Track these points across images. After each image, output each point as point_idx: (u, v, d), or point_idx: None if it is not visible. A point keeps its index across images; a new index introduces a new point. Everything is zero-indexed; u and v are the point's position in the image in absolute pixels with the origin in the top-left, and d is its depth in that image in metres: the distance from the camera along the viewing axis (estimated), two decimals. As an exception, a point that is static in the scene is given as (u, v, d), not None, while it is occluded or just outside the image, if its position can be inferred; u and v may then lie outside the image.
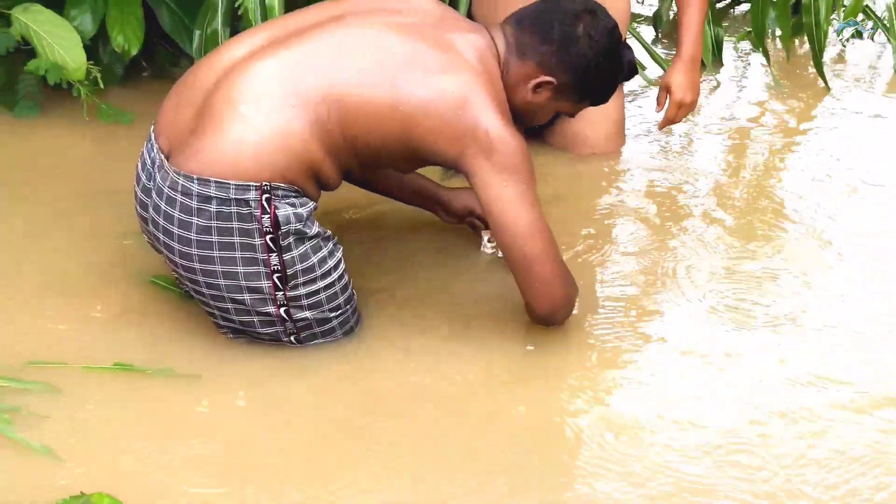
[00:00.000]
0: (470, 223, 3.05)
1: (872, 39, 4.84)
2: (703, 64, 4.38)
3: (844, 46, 4.78)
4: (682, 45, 3.35)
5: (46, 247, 3.01)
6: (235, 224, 2.38)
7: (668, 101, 3.36)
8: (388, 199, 3.13)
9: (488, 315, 2.78)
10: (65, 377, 2.49)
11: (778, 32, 4.74)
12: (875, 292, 2.95)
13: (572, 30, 2.53)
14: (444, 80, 2.42)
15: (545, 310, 2.56)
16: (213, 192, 2.35)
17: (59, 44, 3.47)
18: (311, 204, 2.46)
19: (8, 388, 2.43)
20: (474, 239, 3.08)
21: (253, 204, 2.37)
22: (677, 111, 3.35)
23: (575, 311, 2.70)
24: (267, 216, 2.37)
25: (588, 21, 2.55)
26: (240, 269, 2.43)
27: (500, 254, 2.92)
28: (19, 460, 2.27)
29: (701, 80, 3.78)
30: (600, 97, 2.67)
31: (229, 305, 2.50)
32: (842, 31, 4.80)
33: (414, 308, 2.80)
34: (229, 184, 2.35)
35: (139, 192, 2.51)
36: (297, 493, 2.23)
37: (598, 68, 2.57)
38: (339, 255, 2.54)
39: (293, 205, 2.41)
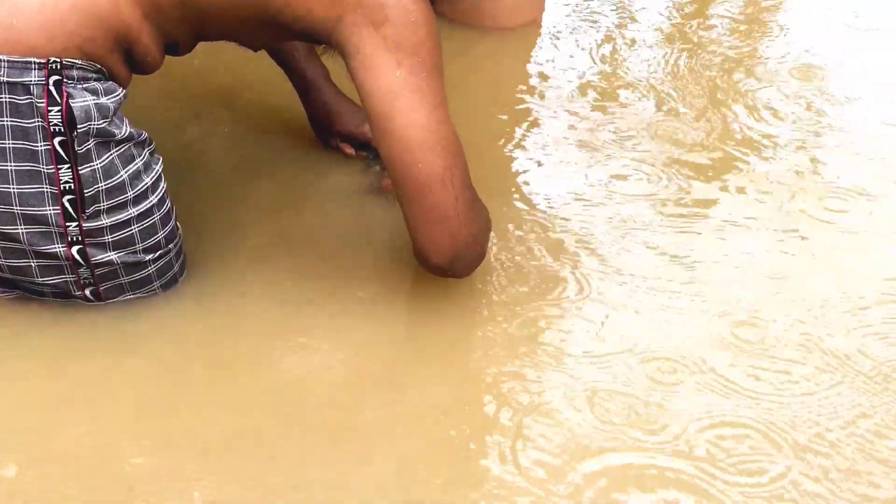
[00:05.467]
0: (336, 147, 2.63)
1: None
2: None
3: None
4: None
5: None
6: (8, 120, 1.93)
7: None
8: (226, 80, 2.80)
9: (364, 259, 2.37)
10: None
11: None
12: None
13: None
14: None
15: (442, 256, 2.11)
16: None
17: None
18: (120, 92, 2.01)
19: None
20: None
21: (35, 90, 1.91)
22: None
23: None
24: (57, 108, 1.93)
25: None
26: (12, 187, 1.96)
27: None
28: None
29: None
30: None
31: None
32: None
33: (257, 247, 2.39)
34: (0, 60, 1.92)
35: None
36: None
37: None
38: (158, 168, 2.09)
39: (95, 92, 1.96)
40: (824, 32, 3.27)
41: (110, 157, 1.98)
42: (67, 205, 1.98)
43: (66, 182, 1.96)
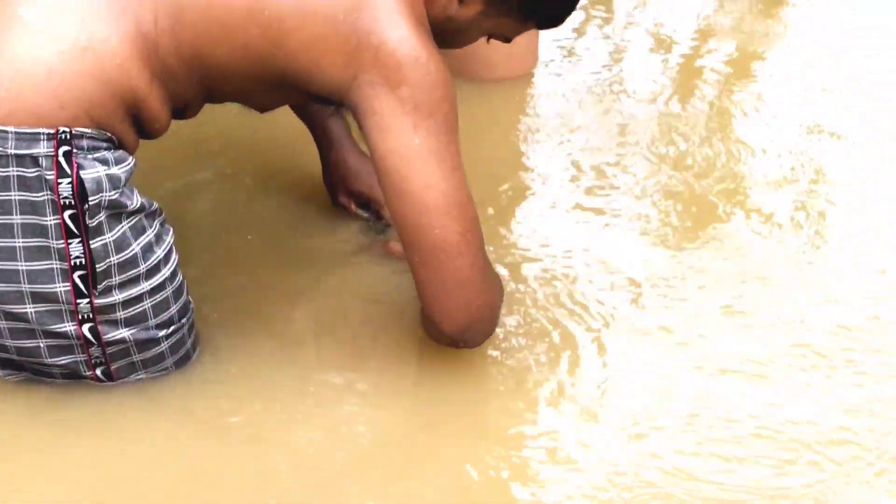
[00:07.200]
0: (344, 204, 2.55)
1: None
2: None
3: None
4: None
5: None
6: (15, 195, 1.84)
7: None
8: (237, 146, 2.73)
9: (382, 332, 2.27)
10: None
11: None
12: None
13: None
14: None
15: (456, 324, 2.03)
16: None
17: None
18: (130, 161, 1.93)
19: None
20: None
21: (44, 161, 1.83)
22: None
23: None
24: (67, 180, 1.84)
25: None
26: (21, 265, 1.88)
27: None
28: None
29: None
30: (551, 17, 2.17)
31: (1, 324, 1.95)
32: None
33: (264, 319, 2.29)
34: (7, 131, 1.81)
35: None
36: None
37: None
38: (169, 240, 2.00)
39: (105, 162, 1.88)
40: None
41: (122, 230, 1.90)
42: (78, 281, 1.90)
43: (77, 257, 1.88)
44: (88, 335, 1.95)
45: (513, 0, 2.09)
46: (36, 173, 1.81)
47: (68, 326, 1.93)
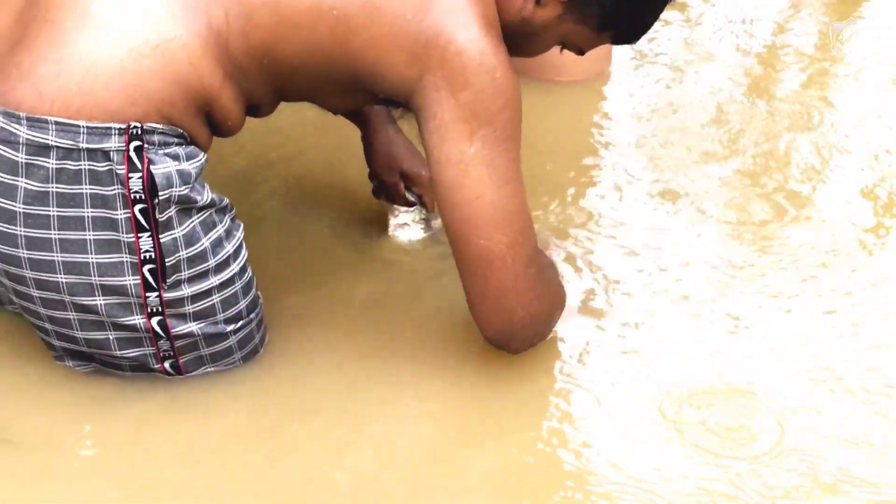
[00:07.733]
0: (394, 183, 2.47)
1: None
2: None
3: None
4: None
5: None
6: (87, 188, 1.83)
7: None
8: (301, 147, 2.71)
9: (444, 327, 2.25)
10: None
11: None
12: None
13: None
14: None
15: (495, 332, 2.03)
16: (52, 138, 1.80)
17: None
18: (202, 157, 1.92)
19: None
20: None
21: (115, 156, 1.81)
22: None
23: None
24: (137, 175, 1.82)
25: None
26: (91, 257, 1.87)
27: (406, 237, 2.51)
28: None
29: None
30: (630, 31, 2.10)
31: (71, 315, 1.94)
32: None
33: (335, 317, 2.27)
34: (78, 125, 1.80)
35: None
36: None
37: None
38: (239, 235, 1.99)
39: (176, 157, 1.86)
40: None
41: (192, 225, 1.89)
42: (147, 274, 1.89)
43: (147, 251, 1.87)
44: (157, 328, 1.95)
45: (593, 6, 2.01)
46: (107, 167, 1.80)
47: (137, 319, 1.92)
